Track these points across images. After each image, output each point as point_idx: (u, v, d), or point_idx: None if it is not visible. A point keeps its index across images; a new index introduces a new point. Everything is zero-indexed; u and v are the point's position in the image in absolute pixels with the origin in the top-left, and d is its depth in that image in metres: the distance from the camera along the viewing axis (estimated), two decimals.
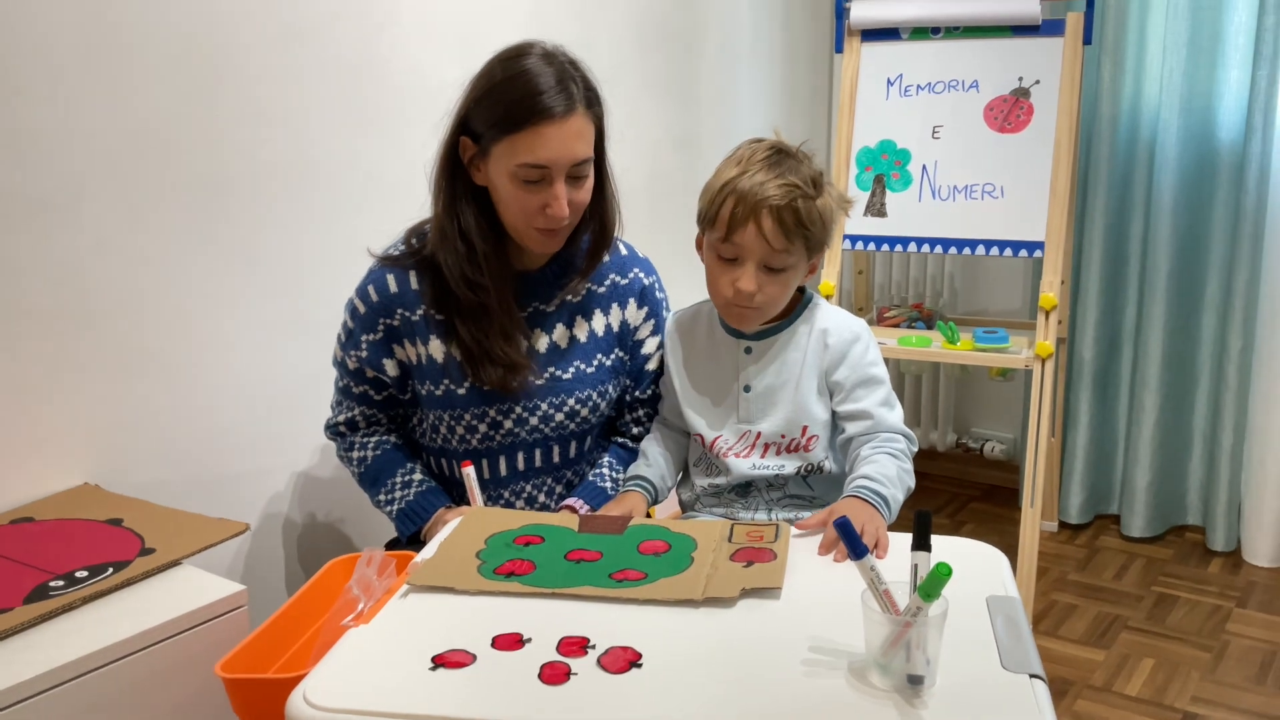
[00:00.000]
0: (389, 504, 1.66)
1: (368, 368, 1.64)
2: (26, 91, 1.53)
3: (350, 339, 1.65)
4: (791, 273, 1.53)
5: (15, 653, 1.19)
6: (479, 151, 1.52)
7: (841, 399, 1.57)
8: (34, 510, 1.56)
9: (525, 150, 1.47)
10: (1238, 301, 2.81)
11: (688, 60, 2.87)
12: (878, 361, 1.60)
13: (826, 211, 1.51)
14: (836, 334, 1.58)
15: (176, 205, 1.74)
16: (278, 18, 1.83)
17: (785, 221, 1.47)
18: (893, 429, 1.54)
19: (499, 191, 1.52)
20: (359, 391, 1.68)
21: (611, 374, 1.68)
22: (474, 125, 1.51)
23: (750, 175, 1.48)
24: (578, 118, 1.49)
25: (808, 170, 1.50)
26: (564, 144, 1.48)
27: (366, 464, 1.69)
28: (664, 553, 1.30)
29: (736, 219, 1.48)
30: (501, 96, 1.48)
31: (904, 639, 1.00)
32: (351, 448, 1.71)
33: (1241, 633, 2.55)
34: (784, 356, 1.59)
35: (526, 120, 1.46)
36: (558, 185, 1.49)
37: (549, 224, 1.52)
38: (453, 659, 1.07)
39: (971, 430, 3.49)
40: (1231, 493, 2.92)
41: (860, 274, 3.18)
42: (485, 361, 1.57)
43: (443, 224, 1.56)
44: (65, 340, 1.61)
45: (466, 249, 1.54)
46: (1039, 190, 2.61)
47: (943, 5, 2.77)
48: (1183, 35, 2.78)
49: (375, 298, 1.61)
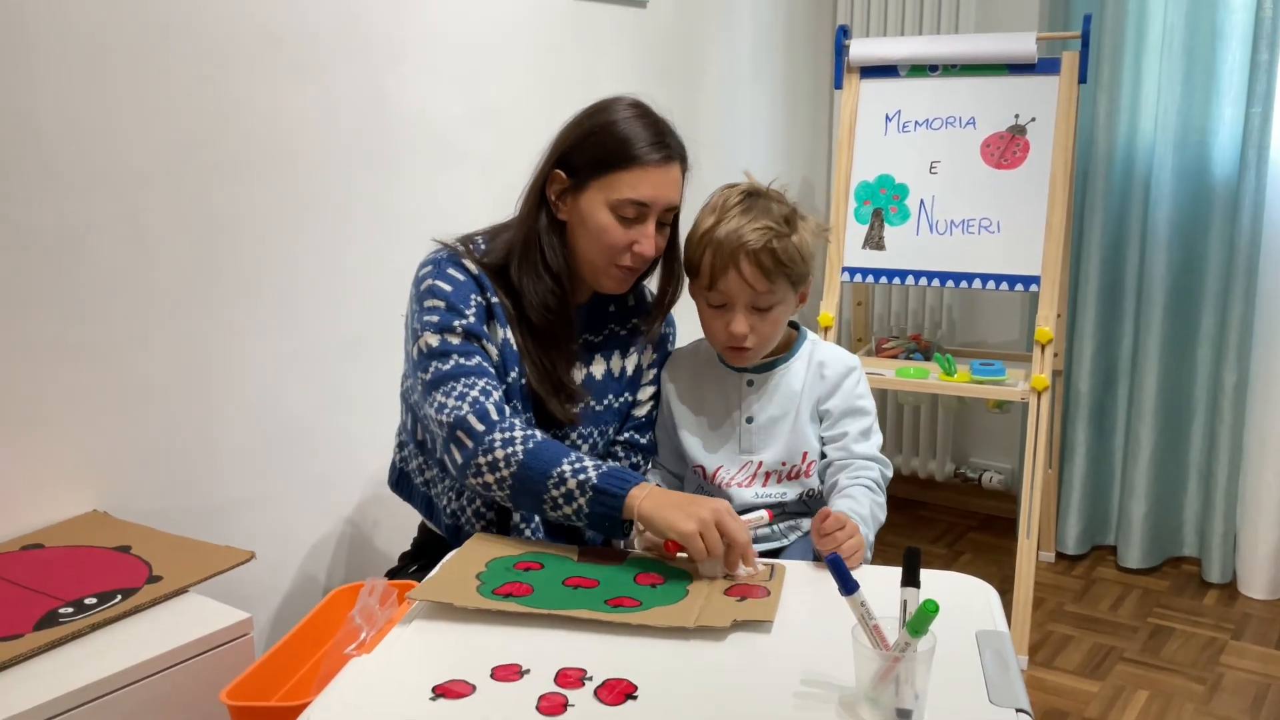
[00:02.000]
0: (580, 477, 1.43)
1: (475, 338, 1.52)
2: (41, 130, 1.56)
3: (448, 314, 1.52)
4: (780, 309, 1.58)
5: (26, 679, 1.21)
6: (573, 186, 1.57)
7: (828, 425, 1.63)
8: (44, 537, 1.58)
9: (629, 187, 1.54)
10: (1232, 335, 2.84)
11: (688, 95, 2.92)
12: (866, 395, 1.66)
13: (804, 246, 1.56)
14: (832, 366, 1.65)
15: (184, 240, 1.77)
16: (285, 57, 1.87)
17: (764, 264, 1.52)
18: (868, 456, 1.59)
19: (587, 225, 1.57)
20: (473, 364, 1.50)
21: (617, 416, 1.71)
22: (573, 160, 1.57)
23: (725, 223, 1.54)
24: (675, 168, 1.58)
25: (779, 210, 1.56)
26: (664, 187, 1.56)
27: (532, 439, 1.46)
28: (659, 584, 1.33)
29: (717, 268, 1.54)
30: (610, 137, 1.55)
31: (893, 673, 1.03)
32: (509, 429, 1.46)
33: (1236, 665, 2.56)
34: (785, 388, 1.64)
35: (633, 161, 1.54)
36: (649, 225, 1.56)
37: (632, 262, 1.58)
38: (453, 689, 1.09)
39: (970, 460, 3.51)
40: (1227, 525, 2.94)
41: (859, 305, 3.21)
42: (550, 389, 1.60)
43: (528, 250, 1.59)
44: (75, 371, 1.65)
45: (550, 278, 1.59)
46: (1035, 225, 2.65)
47: (940, 44, 2.82)
48: (1177, 73, 2.83)
49: (460, 276, 1.56)
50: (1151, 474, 3.01)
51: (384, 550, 2.15)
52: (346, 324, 1.66)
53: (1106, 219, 2.98)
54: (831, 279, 2.82)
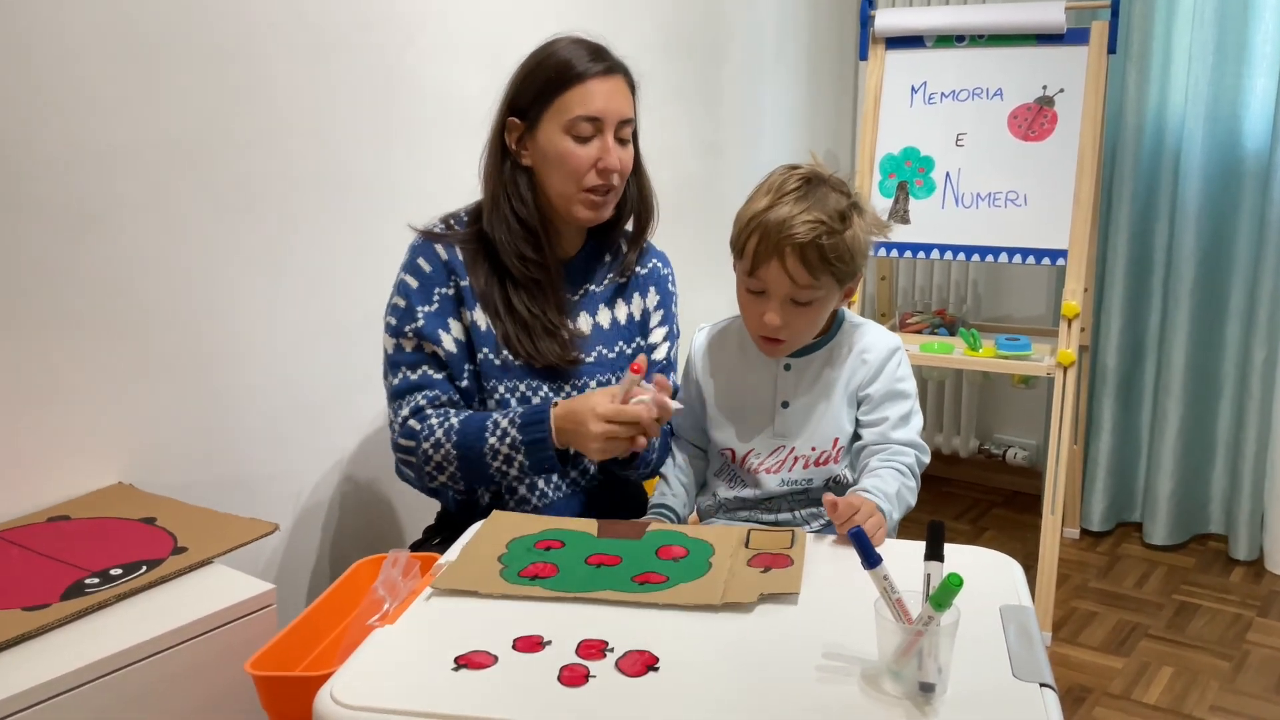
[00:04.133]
0: (505, 439, 1.53)
1: (425, 342, 1.59)
2: (66, 109, 1.57)
3: (405, 314, 1.60)
4: (819, 305, 1.52)
5: (52, 648, 1.22)
6: (527, 127, 1.60)
7: (868, 410, 1.59)
8: (70, 509, 1.60)
9: (578, 104, 1.56)
10: (1262, 310, 2.80)
11: (713, 67, 2.89)
12: (908, 376, 1.61)
13: (855, 243, 1.49)
14: (874, 350, 1.60)
15: (209, 214, 1.77)
16: (307, 31, 1.87)
17: (809, 259, 1.45)
18: (905, 441, 1.55)
19: (549, 157, 1.59)
20: (416, 377, 1.60)
21: (630, 361, 1.71)
22: (521, 102, 1.60)
23: (777, 210, 1.46)
24: (619, 79, 1.61)
25: (836, 202, 1.48)
26: (611, 97, 1.58)
27: (454, 431, 1.55)
28: (682, 558, 1.32)
29: (760, 256, 1.47)
30: (547, 68, 1.58)
31: (916, 647, 1.02)
32: (427, 436, 1.56)
33: (1262, 642, 2.55)
34: (824, 374, 1.60)
35: (575, 79, 1.56)
36: (608, 138, 1.58)
37: (600, 179, 1.58)
38: (475, 660, 1.09)
39: (994, 436, 3.49)
40: (1254, 502, 2.92)
41: (884, 280, 3.19)
42: (543, 334, 1.61)
43: (497, 202, 1.62)
44: (101, 344, 1.65)
45: (521, 226, 1.61)
46: (1062, 198, 2.62)
47: (967, 14, 2.78)
48: (1209, 44, 2.78)
49: (428, 267, 1.62)
50: (1178, 450, 2.99)
51: (407, 523, 2.16)
52: (370, 299, 1.67)
53: (1135, 192, 2.94)
54: None
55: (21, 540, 1.48)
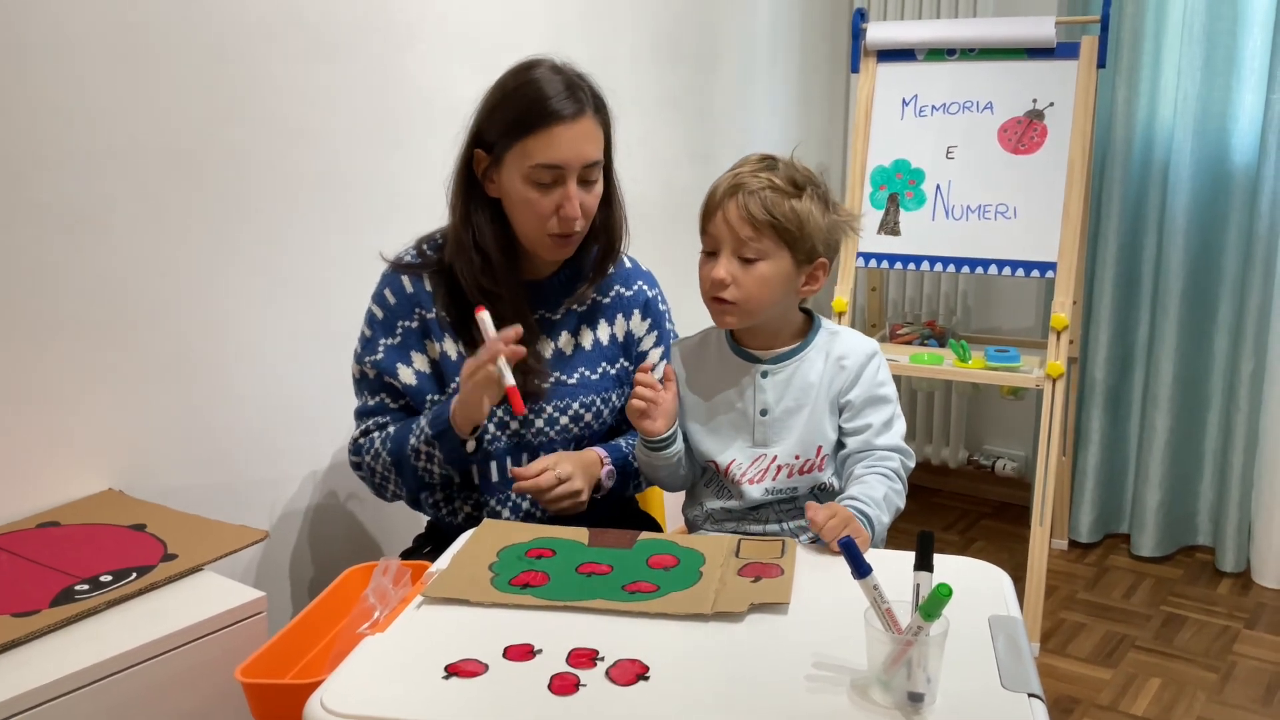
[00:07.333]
0: (421, 436, 1.59)
1: (384, 374, 1.64)
2: (60, 112, 1.57)
3: (367, 346, 1.66)
4: (766, 266, 1.51)
5: (42, 655, 1.22)
6: (492, 162, 1.58)
7: (850, 417, 1.59)
8: (59, 515, 1.59)
9: (539, 151, 1.52)
10: (1249, 323, 2.82)
11: (704, 78, 2.90)
12: (887, 381, 1.62)
13: (807, 215, 1.51)
14: (852, 356, 1.59)
15: (203, 218, 1.77)
16: (304, 34, 1.87)
17: (751, 209, 1.49)
18: (890, 447, 1.56)
19: (512, 198, 1.57)
20: (374, 403, 1.68)
21: (615, 382, 1.71)
22: (487, 136, 1.58)
23: (732, 172, 1.54)
24: (587, 120, 1.56)
25: (794, 174, 1.53)
26: (575, 144, 1.54)
27: (389, 440, 1.63)
28: (673, 567, 1.33)
29: (710, 208, 1.54)
30: (514, 104, 1.54)
31: (905, 657, 1.03)
32: (369, 450, 1.66)
33: (1249, 654, 2.56)
34: (801, 380, 1.59)
35: (539, 123, 1.52)
36: (570, 186, 1.55)
37: (562, 228, 1.57)
38: (465, 668, 1.10)
39: (983, 447, 3.50)
40: (1242, 514, 2.93)
41: (874, 291, 3.20)
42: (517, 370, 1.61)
43: (459, 234, 1.61)
44: (91, 348, 1.65)
45: (481, 259, 1.60)
46: (1052, 211, 2.63)
47: (958, 27, 2.80)
48: (1198, 58, 2.80)
49: (393, 300, 1.65)
50: (1166, 462, 3.00)
51: (398, 531, 2.16)
52: (363, 306, 1.67)
53: (1124, 205, 2.96)
54: (846, 264, 2.81)
55: (11, 546, 1.47)
